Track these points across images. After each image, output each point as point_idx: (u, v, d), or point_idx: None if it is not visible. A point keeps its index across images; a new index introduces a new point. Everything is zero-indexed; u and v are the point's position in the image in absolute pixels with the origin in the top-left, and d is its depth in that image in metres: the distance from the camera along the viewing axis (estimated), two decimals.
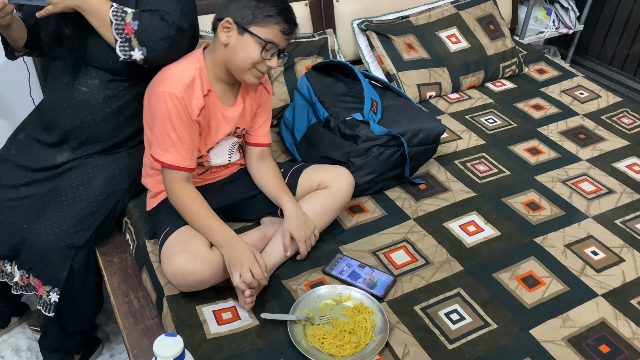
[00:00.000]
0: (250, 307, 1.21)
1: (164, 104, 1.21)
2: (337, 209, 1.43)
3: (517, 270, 1.35)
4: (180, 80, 1.22)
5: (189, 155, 1.26)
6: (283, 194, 1.37)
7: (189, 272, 1.18)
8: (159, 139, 1.25)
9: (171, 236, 1.26)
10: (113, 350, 1.73)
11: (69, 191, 1.40)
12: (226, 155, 1.42)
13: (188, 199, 1.26)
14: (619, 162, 1.78)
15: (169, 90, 1.21)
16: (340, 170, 1.46)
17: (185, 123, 1.23)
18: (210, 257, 1.21)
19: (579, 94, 2.16)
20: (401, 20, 2.19)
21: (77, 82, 1.41)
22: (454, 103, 2.08)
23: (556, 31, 2.87)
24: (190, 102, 1.23)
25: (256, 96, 1.41)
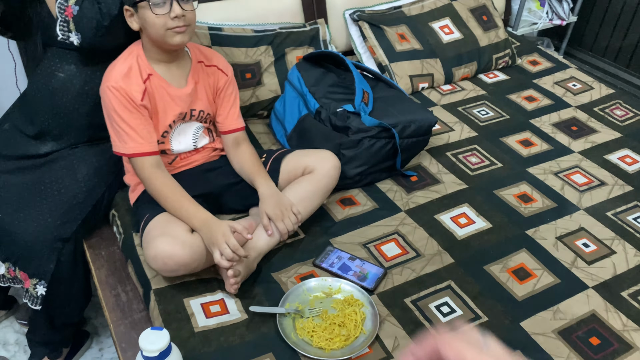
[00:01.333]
0: (236, 289, 1.20)
1: (107, 98, 1.25)
2: (323, 193, 1.41)
3: (509, 263, 1.35)
4: (118, 72, 1.26)
5: (147, 140, 1.27)
6: (257, 176, 1.37)
7: (169, 254, 1.17)
8: (113, 133, 1.28)
9: (151, 222, 1.26)
10: (102, 343, 1.71)
11: (54, 183, 1.38)
12: (190, 140, 1.41)
13: (161, 185, 1.28)
14: (611, 154, 1.77)
15: (108, 84, 1.25)
16: (325, 154, 1.44)
17: (131, 110, 1.25)
18: (190, 240, 1.20)
19: (572, 85, 2.16)
20: (394, 10, 2.17)
21: (54, 68, 1.39)
22: (446, 94, 2.07)
23: (549, 22, 2.86)
24: (129, 89, 1.25)
25: (210, 78, 1.40)
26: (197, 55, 1.39)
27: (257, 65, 1.85)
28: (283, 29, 1.94)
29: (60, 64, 1.39)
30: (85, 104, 1.42)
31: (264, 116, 1.90)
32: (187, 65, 1.36)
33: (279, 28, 1.94)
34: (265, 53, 1.87)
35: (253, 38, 1.86)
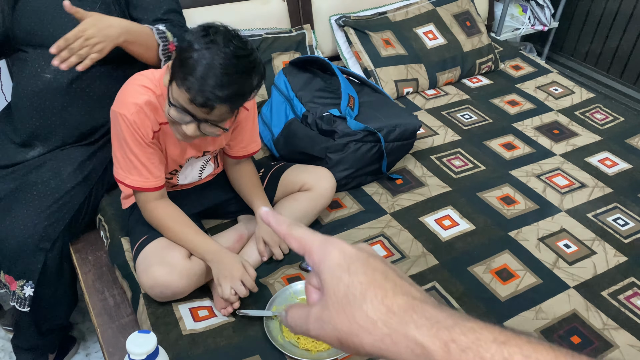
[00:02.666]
0: (229, 313, 1.20)
1: (118, 125, 1.16)
2: (318, 212, 1.43)
3: (492, 264, 1.37)
4: (134, 100, 1.15)
5: (153, 176, 1.20)
6: (256, 199, 1.34)
7: (166, 285, 1.16)
8: (119, 159, 1.20)
9: (147, 247, 1.23)
10: (89, 349, 1.71)
11: (40, 186, 1.38)
12: (196, 173, 1.37)
13: (164, 217, 1.22)
14: (592, 156, 1.81)
15: (122, 112, 1.14)
16: (323, 172, 1.45)
17: (142, 145, 1.17)
18: (188, 268, 1.19)
19: (554, 90, 2.20)
20: (379, 16, 2.20)
21: (40, 70, 1.39)
22: (430, 99, 2.10)
23: (532, 28, 2.91)
24: (142, 124, 1.15)
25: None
26: None
27: None
28: (269, 34, 1.95)
29: (45, 65, 1.39)
30: (74, 103, 1.42)
31: None
32: None
33: (266, 33, 1.96)
34: None
35: None
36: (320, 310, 0.44)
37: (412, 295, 0.42)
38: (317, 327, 0.44)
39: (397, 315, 0.41)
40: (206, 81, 1.01)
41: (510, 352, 0.37)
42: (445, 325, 0.39)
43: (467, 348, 0.38)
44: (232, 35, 1.05)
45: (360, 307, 0.42)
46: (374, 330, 0.41)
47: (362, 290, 0.42)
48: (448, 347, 0.38)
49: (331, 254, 0.44)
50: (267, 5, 2.05)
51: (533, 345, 0.37)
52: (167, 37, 1.38)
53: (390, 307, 0.41)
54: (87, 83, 1.42)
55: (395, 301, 0.41)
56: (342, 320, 0.42)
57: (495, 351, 0.37)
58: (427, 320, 0.40)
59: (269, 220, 0.49)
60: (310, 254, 0.46)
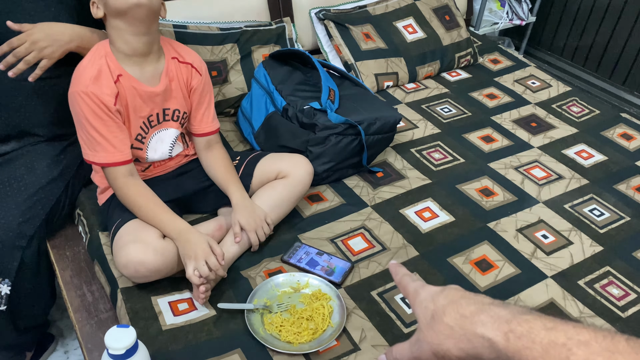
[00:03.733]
0: (204, 301, 1.19)
1: (76, 104, 1.17)
2: (296, 199, 1.42)
3: (471, 255, 1.39)
4: (87, 74, 1.17)
5: (119, 149, 1.21)
6: (231, 184, 1.34)
7: (140, 261, 1.15)
8: (84, 140, 1.21)
9: (122, 228, 1.23)
10: (67, 346, 1.68)
11: (14, 181, 1.36)
12: (167, 148, 1.37)
13: (134, 195, 1.23)
14: (568, 149, 1.84)
15: (77, 89, 1.16)
16: (299, 159, 1.44)
17: (102, 118, 1.17)
18: (162, 246, 1.19)
19: (531, 83, 2.22)
20: (359, 9, 2.20)
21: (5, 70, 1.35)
22: (410, 92, 2.11)
23: (510, 22, 2.94)
24: (101, 94, 1.17)
25: (184, 76, 1.32)
26: (170, 51, 1.30)
27: (223, 63, 1.85)
28: (249, 27, 1.94)
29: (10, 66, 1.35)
30: (41, 102, 1.39)
31: (230, 114, 1.90)
32: (161, 62, 1.27)
33: (245, 26, 1.94)
34: (232, 51, 1.86)
35: (219, 36, 1.86)
36: (417, 335, 0.58)
37: (481, 302, 0.53)
38: (415, 349, 0.58)
39: (468, 318, 0.52)
40: None
41: (557, 335, 0.46)
42: (505, 320, 0.50)
43: (522, 335, 0.48)
44: None
45: (442, 320, 0.54)
46: (453, 334, 0.53)
47: (443, 309, 0.55)
48: (507, 337, 0.48)
49: (420, 294, 0.60)
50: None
51: (577, 329, 0.46)
52: None
53: (464, 314, 0.53)
54: (55, 81, 1.39)
55: (467, 309, 0.53)
56: (432, 335, 0.55)
57: (544, 336, 0.47)
58: (490, 318, 0.51)
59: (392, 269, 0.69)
60: (408, 297, 0.63)
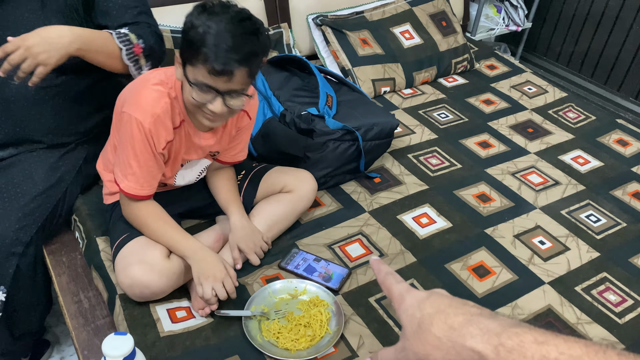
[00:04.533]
0: (207, 313, 1.19)
1: (129, 129, 1.13)
2: (299, 213, 1.43)
3: (469, 261, 1.39)
4: (152, 109, 1.12)
5: (148, 184, 1.19)
6: (231, 205, 1.34)
7: (145, 284, 1.15)
8: (120, 162, 1.18)
9: (126, 246, 1.21)
10: (63, 352, 1.67)
11: (11, 188, 1.35)
12: (194, 176, 1.36)
13: (145, 215, 1.21)
14: (565, 154, 1.84)
15: (138, 118, 1.11)
16: (305, 175, 1.45)
17: (149, 153, 1.15)
18: (167, 267, 1.17)
19: (528, 89, 2.23)
20: (356, 15, 2.20)
21: (8, 77, 1.35)
22: (407, 98, 2.11)
23: (506, 28, 2.95)
24: (157, 135, 1.14)
25: (236, 121, 1.31)
26: None
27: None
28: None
29: (12, 72, 1.35)
30: (41, 111, 1.38)
31: None
32: None
33: None
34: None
35: None
36: (402, 343, 0.56)
37: (469, 313, 0.52)
38: (401, 356, 0.56)
39: (456, 330, 0.50)
40: (219, 47, 1.01)
41: (548, 349, 0.45)
42: (495, 332, 0.48)
43: (512, 349, 0.46)
44: (229, 4, 1.07)
45: (429, 330, 0.52)
46: (441, 345, 0.51)
47: (430, 319, 0.53)
48: (497, 350, 0.47)
49: (406, 300, 0.57)
50: (245, 4, 2.01)
51: (569, 343, 0.45)
52: (131, 39, 1.31)
53: (452, 325, 0.51)
54: (57, 91, 1.38)
55: (455, 320, 0.51)
56: (418, 345, 0.53)
57: (535, 350, 0.45)
58: (480, 330, 0.49)
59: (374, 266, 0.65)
60: (392, 300, 0.60)
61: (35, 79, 1.17)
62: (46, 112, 1.39)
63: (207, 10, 1.04)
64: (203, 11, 1.04)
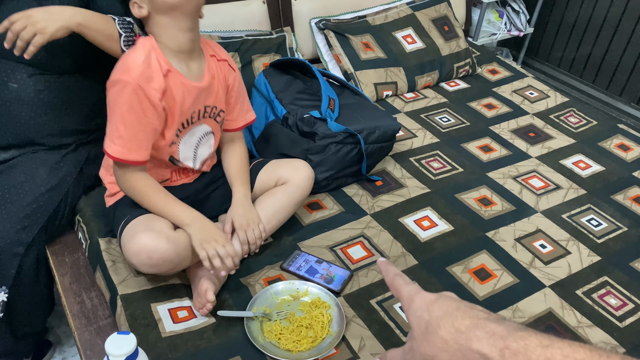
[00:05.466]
0: (207, 311, 1.18)
1: (116, 93, 1.12)
2: (296, 203, 1.42)
3: (470, 264, 1.39)
4: (136, 66, 1.12)
5: (136, 147, 1.16)
6: (237, 181, 1.36)
7: (153, 248, 1.13)
8: (109, 130, 1.16)
9: (131, 222, 1.21)
10: (65, 353, 1.68)
11: (13, 188, 1.36)
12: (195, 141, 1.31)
13: (143, 186, 1.20)
14: (566, 159, 1.85)
15: (122, 78, 1.11)
16: (299, 164, 1.44)
17: (137, 113, 1.13)
18: (174, 235, 1.17)
19: (529, 94, 2.24)
20: (358, 20, 2.21)
21: (7, 79, 1.36)
22: (409, 102, 2.12)
23: (508, 33, 2.96)
24: (148, 88, 1.12)
25: (221, 73, 1.31)
26: (207, 49, 1.29)
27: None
28: (250, 36, 1.96)
29: (12, 74, 1.35)
30: (41, 113, 1.39)
31: None
32: (202, 59, 1.26)
33: (246, 35, 1.96)
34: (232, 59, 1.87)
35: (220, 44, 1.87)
36: (410, 344, 0.57)
37: (477, 317, 0.52)
38: (409, 357, 0.57)
39: (463, 333, 0.51)
40: None
41: (553, 353, 0.46)
42: (501, 336, 0.49)
43: (517, 352, 0.47)
44: None
45: (437, 332, 0.53)
46: (448, 348, 0.52)
47: (438, 321, 0.54)
48: (503, 353, 0.48)
49: (415, 302, 0.58)
50: (248, 7, 2.05)
51: (573, 347, 0.46)
52: (134, 28, 1.31)
53: (459, 328, 0.52)
54: (55, 93, 1.39)
55: (462, 323, 0.52)
56: (425, 347, 0.54)
57: (540, 353, 0.46)
58: (486, 334, 0.50)
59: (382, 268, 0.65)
60: (401, 301, 0.60)
61: (31, 47, 1.17)
62: (46, 114, 1.40)
63: None
64: None
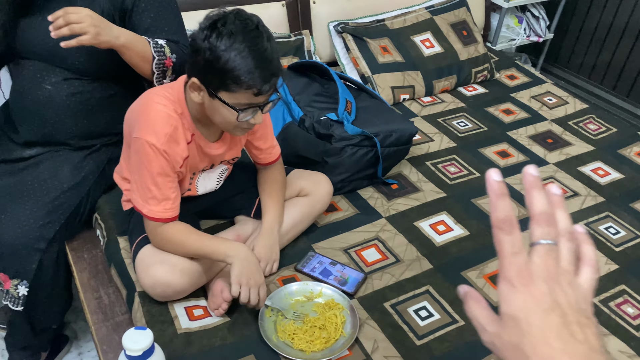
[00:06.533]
0: (222, 312, 1.20)
1: (144, 154, 1.12)
2: (315, 216, 1.45)
3: (485, 269, 1.39)
4: (163, 130, 1.12)
5: (171, 207, 1.17)
6: (266, 209, 1.34)
7: (167, 283, 1.16)
8: (138, 188, 1.16)
9: (146, 247, 1.22)
10: (81, 348, 1.70)
11: (37, 184, 1.39)
12: (214, 182, 1.37)
13: (174, 234, 1.19)
14: (585, 166, 1.83)
15: (150, 141, 1.11)
16: (321, 178, 1.46)
17: (167, 175, 1.15)
18: (189, 266, 1.19)
19: (548, 100, 2.23)
20: (377, 23, 2.22)
21: (41, 80, 1.39)
22: (426, 106, 2.12)
23: (527, 39, 2.94)
24: (173, 153, 1.14)
25: None
26: None
27: None
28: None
29: (47, 76, 1.39)
30: (71, 116, 1.42)
31: None
32: None
33: None
34: None
35: None
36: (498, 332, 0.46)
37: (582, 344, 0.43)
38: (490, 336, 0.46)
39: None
40: (261, 67, 1.04)
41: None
42: None
43: None
44: (232, 14, 1.06)
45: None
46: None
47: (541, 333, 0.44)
48: None
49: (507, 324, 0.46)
50: (267, 10, 2.07)
51: None
52: (165, 52, 1.36)
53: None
54: (86, 97, 1.42)
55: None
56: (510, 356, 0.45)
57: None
58: None
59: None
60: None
61: (74, 42, 1.20)
62: (75, 117, 1.42)
63: (221, 33, 1.03)
64: (219, 35, 1.03)
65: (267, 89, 1.07)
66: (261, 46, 1.05)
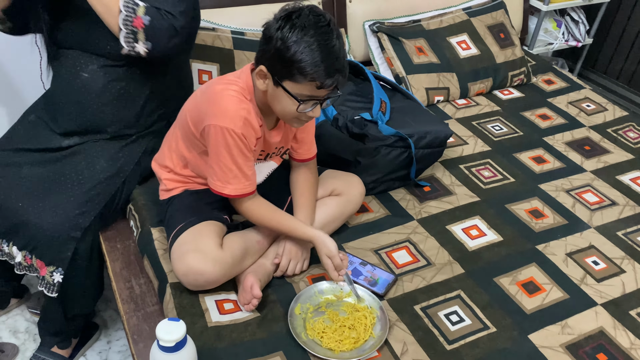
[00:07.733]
0: (252, 307, 1.20)
1: (222, 139, 1.17)
2: (347, 217, 1.45)
3: (518, 276, 1.36)
4: (238, 115, 1.17)
5: (249, 181, 1.24)
6: (300, 209, 1.35)
7: (200, 271, 1.18)
8: (217, 171, 1.22)
9: (182, 235, 1.25)
10: (110, 336, 1.73)
11: (74, 175, 1.41)
12: (262, 177, 1.40)
13: (259, 216, 1.29)
14: (623, 175, 1.78)
15: (228, 127, 1.16)
16: (353, 179, 1.46)
17: (246, 154, 1.21)
18: (221, 256, 1.21)
19: (586, 106, 2.17)
20: (413, 24, 2.20)
21: (79, 69, 1.42)
22: (461, 108, 2.09)
23: (565, 43, 2.88)
24: (249, 136, 1.20)
25: None
26: None
27: None
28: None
29: (84, 65, 1.41)
30: (108, 103, 1.44)
31: None
32: None
33: None
34: None
35: None
36: None
37: None
38: None
39: None
40: (327, 62, 1.08)
41: None
42: None
43: None
44: (307, 9, 1.11)
45: None
46: None
47: None
48: None
49: None
50: None
51: None
52: (136, 10, 1.28)
53: None
54: (123, 85, 1.44)
55: None
56: None
57: None
58: None
59: None
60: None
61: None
62: (113, 104, 1.45)
63: (294, 25, 1.08)
64: (292, 26, 1.08)
65: (329, 84, 1.11)
66: (330, 42, 1.09)
